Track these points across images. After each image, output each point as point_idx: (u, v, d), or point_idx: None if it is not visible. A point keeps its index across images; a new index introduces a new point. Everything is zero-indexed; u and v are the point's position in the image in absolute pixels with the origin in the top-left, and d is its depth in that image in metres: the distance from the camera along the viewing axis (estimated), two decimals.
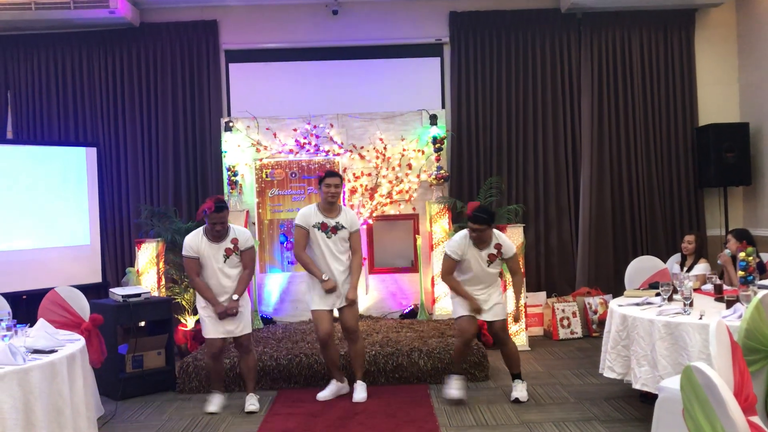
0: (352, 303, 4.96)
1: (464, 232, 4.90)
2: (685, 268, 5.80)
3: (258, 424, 4.53)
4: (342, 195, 6.90)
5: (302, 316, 6.92)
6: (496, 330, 4.92)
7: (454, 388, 4.87)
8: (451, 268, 4.90)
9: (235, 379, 5.32)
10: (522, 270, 4.81)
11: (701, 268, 5.65)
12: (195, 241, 4.80)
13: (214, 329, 4.80)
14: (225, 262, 4.78)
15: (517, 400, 4.80)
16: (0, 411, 3.19)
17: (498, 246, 4.82)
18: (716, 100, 7.64)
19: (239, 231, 4.90)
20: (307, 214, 5.02)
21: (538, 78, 7.56)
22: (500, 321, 4.90)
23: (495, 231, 4.89)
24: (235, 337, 4.86)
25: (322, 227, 4.94)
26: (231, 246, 4.79)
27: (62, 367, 3.54)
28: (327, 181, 4.94)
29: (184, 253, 4.84)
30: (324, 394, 5.00)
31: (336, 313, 5.01)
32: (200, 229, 4.86)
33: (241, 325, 4.83)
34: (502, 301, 4.97)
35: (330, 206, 4.98)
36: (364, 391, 5.00)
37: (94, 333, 4.67)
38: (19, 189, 6.69)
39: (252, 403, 4.83)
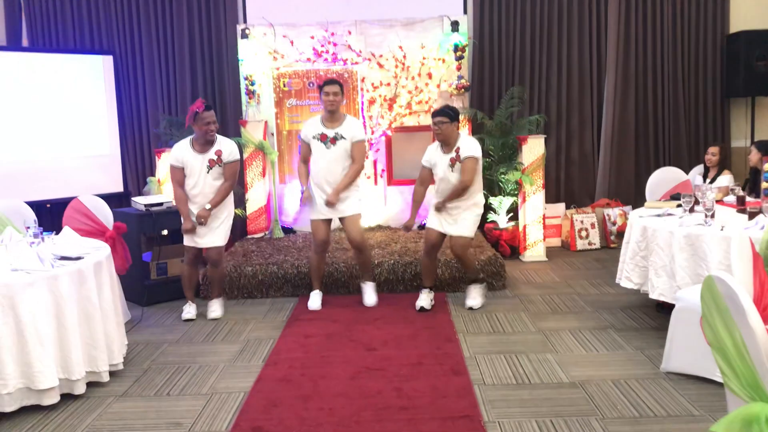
0: (329, 204, 4.90)
1: (437, 142, 4.88)
2: (708, 180, 5.74)
3: (280, 329, 4.66)
4: (361, 106, 6.86)
5: None
6: (452, 246, 4.88)
7: (421, 299, 4.99)
8: (422, 176, 4.95)
9: (257, 286, 5.45)
10: (468, 179, 4.69)
11: (725, 179, 5.59)
12: (180, 151, 4.77)
13: (188, 238, 4.86)
14: (208, 173, 4.74)
15: (471, 308, 4.96)
16: (32, 314, 3.31)
17: (457, 149, 4.74)
18: (749, 6, 7.33)
19: (225, 143, 4.80)
20: (309, 125, 5.01)
21: None
22: (458, 238, 4.82)
23: (463, 136, 4.82)
24: (206, 248, 4.90)
25: (321, 138, 4.91)
26: (215, 158, 4.73)
27: (89, 274, 3.63)
28: (325, 89, 4.87)
29: (169, 161, 4.82)
30: (316, 304, 5.10)
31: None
32: (187, 139, 4.82)
33: (209, 238, 4.84)
34: (470, 218, 4.83)
35: (331, 115, 4.92)
36: (374, 293, 5.14)
37: (119, 241, 4.76)
38: (37, 97, 6.67)
39: (213, 309, 5.00)
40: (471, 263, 5.01)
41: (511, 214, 6.76)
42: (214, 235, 4.85)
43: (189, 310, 4.99)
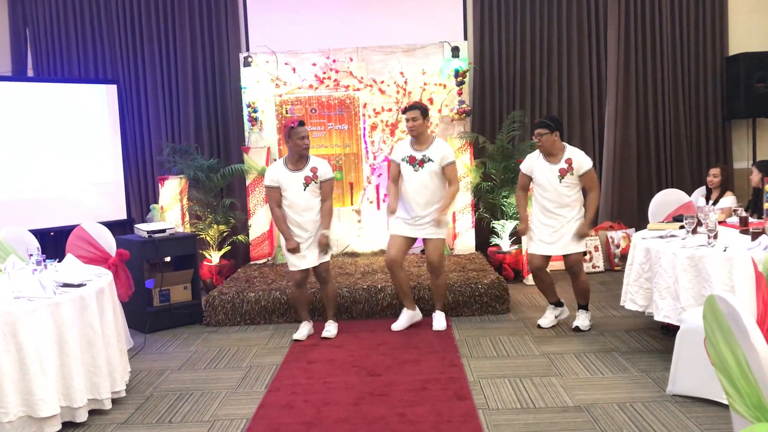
0: (435, 225, 4.93)
1: (537, 151, 4.93)
2: (711, 202, 5.74)
3: (283, 355, 4.64)
4: (363, 131, 6.89)
5: None
6: (570, 263, 4.87)
7: (543, 317, 5.07)
8: (522, 183, 5.03)
9: (260, 312, 5.44)
10: (599, 188, 4.77)
11: (728, 201, 5.59)
12: (275, 171, 4.84)
13: (295, 263, 4.86)
14: (305, 190, 4.80)
15: (577, 329, 4.91)
16: (34, 341, 3.30)
17: (569, 161, 4.76)
18: (748, 28, 7.38)
19: (318, 161, 4.89)
20: (399, 147, 5.11)
21: (563, 7, 7.33)
22: (574, 255, 4.84)
23: (568, 146, 4.84)
24: (314, 266, 4.93)
25: (410, 160, 4.97)
26: (310, 174, 4.81)
27: (92, 301, 3.63)
28: (405, 116, 4.99)
29: (265, 183, 4.89)
30: (398, 324, 5.10)
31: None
32: (280, 160, 4.91)
33: (313, 258, 4.87)
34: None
35: (417, 139, 5.00)
36: (443, 320, 5.10)
37: (121, 268, 4.77)
38: (42, 126, 6.73)
39: (328, 329, 5.01)
40: (587, 282, 4.97)
41: (515, 238, 6.75)
42: (318, 254, 4.88)
43: (301, 331, 5.01)
